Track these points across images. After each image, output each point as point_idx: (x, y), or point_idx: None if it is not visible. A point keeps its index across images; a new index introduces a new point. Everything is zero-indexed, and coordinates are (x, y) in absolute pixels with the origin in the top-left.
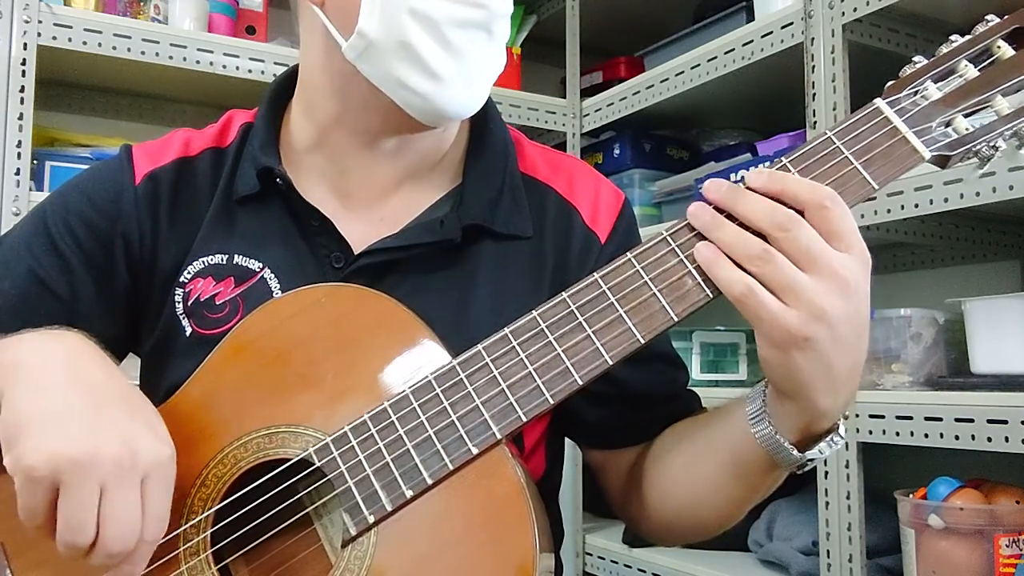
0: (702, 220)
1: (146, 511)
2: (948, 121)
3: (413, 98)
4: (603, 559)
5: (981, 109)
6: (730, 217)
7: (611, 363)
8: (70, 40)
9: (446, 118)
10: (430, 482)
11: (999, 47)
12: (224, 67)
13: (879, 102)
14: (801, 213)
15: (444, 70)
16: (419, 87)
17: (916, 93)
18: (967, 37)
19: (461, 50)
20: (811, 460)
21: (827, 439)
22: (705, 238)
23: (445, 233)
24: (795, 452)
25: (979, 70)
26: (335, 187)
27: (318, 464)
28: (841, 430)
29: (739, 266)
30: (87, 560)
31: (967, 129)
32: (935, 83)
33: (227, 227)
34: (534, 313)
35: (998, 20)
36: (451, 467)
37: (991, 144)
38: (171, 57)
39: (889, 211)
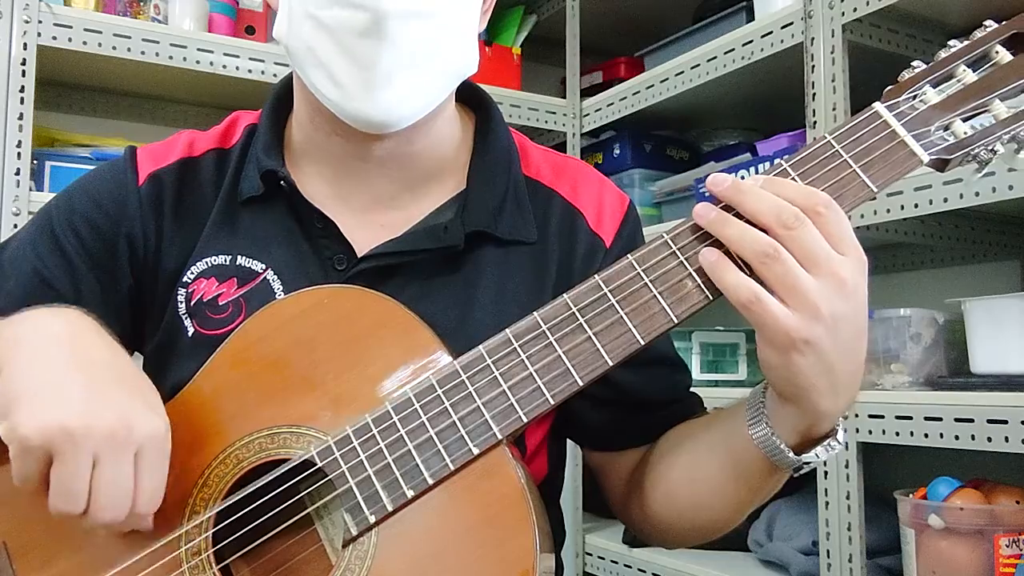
0: (707, 218)
1: (139, 483)
2: (946, 125)
3: (331, 104)
4: (603, 559)
5: (979, 113)
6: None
7: (611, 364)
8: (70, 40)
9: (372, 125)
10: (431, 482)
11: (997, 52)
12: (224, 67)
13: (878, 106)
14: None
15: (345, 78)
16: (329, 94)
17: (915, 97)
18: (965, 42)
19: (361, 58)
20: (807, 463)
21: (825, 443)
22: (706, 241)
23: (448, 240)
24: (791, 455)
25: (977, 74)
26: (334, 191)
27: (320, 465)
28: (840, 435)
29: (744, 264)
30: (82, 523)
31: (965, 133)
32: (934, 87)
33: (230, 228)
34: (535, 315)
35: (996, 25)
36: (452, 467)
37: (989, 148)
38: (171, 57)
39: (889, 211)
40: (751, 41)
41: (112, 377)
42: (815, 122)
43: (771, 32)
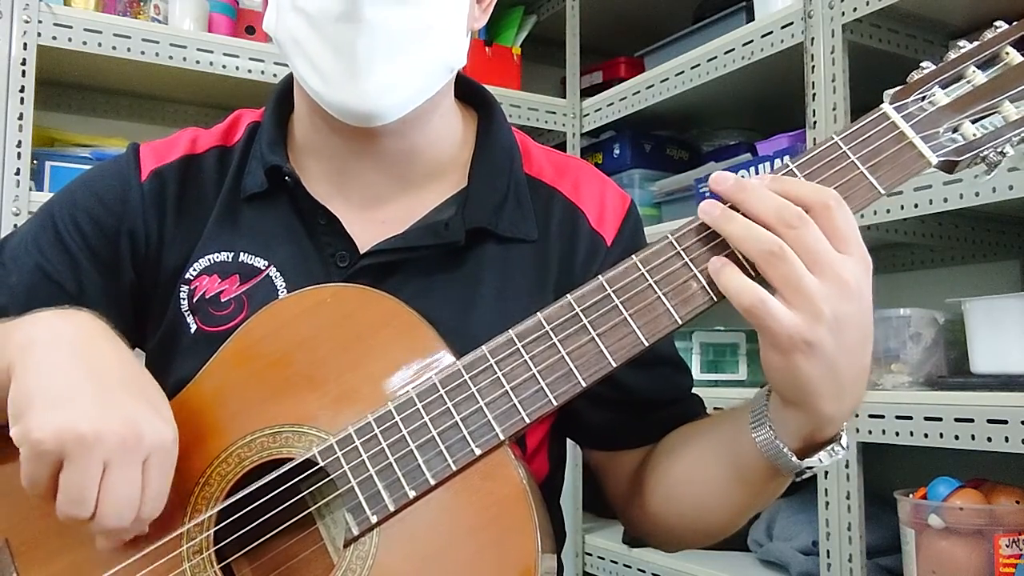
0: (712, 215)
1: (145, 490)
2: (955, 127)
3: (316, 95)
4: (603, 559)
5: (989, 115)
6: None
7: (615, 365)
8: (70, 40)
9: (357, 116)
10: (433, 483)
11: (1008, 53)
12: (224, 67)
13: (886, 107)
14: None
15: (327, 66)
16: (314, 84)
17: (924, 98)
18: (975, 43)
19: (339, 45)
20: (810, 468)
21: (828, 448)
22: (711, 242)
23: (449, 236)
24: (794, 459)
25: (987, 76)
26: (336, 188)
27: (322, 464)
28: (843, 440)
29: (747, 264)
30: (86, 529)
31: (974, 135)
32: (943, 88)
33: (233, 225)
34: (539, 315)
35: (1007, 26)
36: (454, 468)
37: (998, 150)
38: (171, 57)
39: (889, 211)
40: (751, 41)
41: (122, 383)
42: (815, 122)
43: (771, 32)
